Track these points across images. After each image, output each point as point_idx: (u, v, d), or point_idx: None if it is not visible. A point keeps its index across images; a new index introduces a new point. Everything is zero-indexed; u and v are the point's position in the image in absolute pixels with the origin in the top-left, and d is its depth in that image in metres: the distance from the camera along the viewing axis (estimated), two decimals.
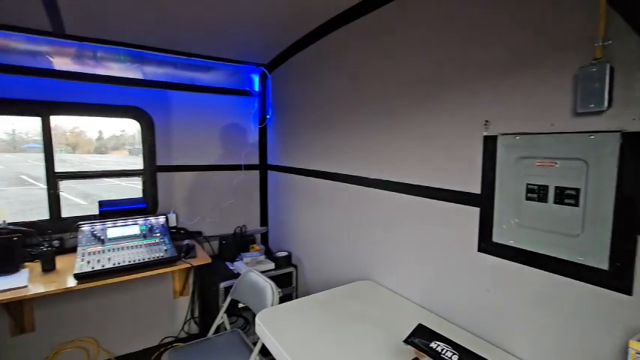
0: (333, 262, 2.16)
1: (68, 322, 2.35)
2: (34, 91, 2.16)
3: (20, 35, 2.01)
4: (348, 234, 2.01)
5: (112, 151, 37.07)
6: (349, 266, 2.01)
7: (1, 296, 1.66)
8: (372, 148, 1.79)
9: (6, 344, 2.16)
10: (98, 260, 1.94)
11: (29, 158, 22.99)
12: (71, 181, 2.49)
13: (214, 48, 2.40)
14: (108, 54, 2.31)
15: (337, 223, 2.11)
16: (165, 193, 2.65)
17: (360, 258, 1.93)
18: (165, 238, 2.28)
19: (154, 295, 2.64)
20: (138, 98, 2.49)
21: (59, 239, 2.27)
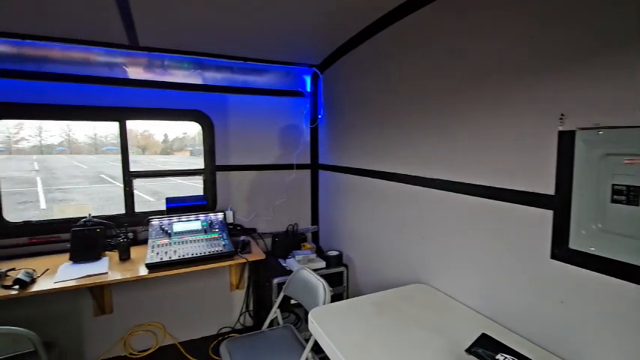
0: (385, 264, 2.12)
1: (140, 307, 2.59)
2: (112, 98, 2.41)
3: (100, 49, 2.25)
4: (401, 235, 1.95)
5: (175, 152, 40.25)
6: (402, 268, 1.95)
7: (87, 281, 1.88)
8: (428, 146, 1.72)
9: (90, 323, 2.45)
10: (166, 252, 2.11)
11: (108, 159, 25.84)
12: (142, 180, 2.73)
13: (268, 51, 2.48)
14: (173, 62, 2.50)
15: (390, 223, 2.06)
16: (224, 191, 2.81)
17: (413, 260, 1.86)
18: (224, 234, 2.41)
19: (213, 287, 2.81)
20: (199, 102, 2.67)
21: (133, 232, 2.51)
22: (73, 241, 2.17)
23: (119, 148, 2.53)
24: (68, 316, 2.37)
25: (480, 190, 1.43)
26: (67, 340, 2.36)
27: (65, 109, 2.32)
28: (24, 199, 10.38)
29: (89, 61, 2.30)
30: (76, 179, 15.12)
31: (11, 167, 18.49)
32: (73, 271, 1.99)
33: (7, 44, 2.08)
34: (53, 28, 1.96)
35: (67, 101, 2.32)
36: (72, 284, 1.84)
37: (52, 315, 2.32)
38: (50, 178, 15.33)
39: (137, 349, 2.59)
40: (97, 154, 35.08)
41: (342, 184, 2.63)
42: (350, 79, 2.46)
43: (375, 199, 2.20)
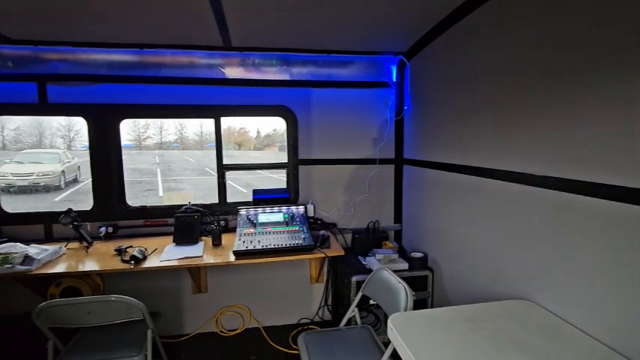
0: (479, 273, 1.86)
1: (230, 289, 2.80)
2: (209, 97, 2.63)
3: (202, 52, 2.47)
4: (501, 241, 1.68)
5: (266, 148, 43.37)
6: (501, 280, 1.68)
7: (185, 262, 2.09)
8: (537, 139, 1.42)
9: (189, 300, 2.74)
10: (251, 241, 2.22)
11: (211, 154, 29.15)
12: (237, 173, 2.94)
13: (353, 41, 2.39)
14: (263, 60, 2.60)
15: (486, 227, 1.79)
16: (305, 184, 2.84)
17: (515, 271, 1.59)
18: (304, 227, 2.43)
19: (294, 278, 2.88)
20: (284, 97, 2.74)
21: (225, 220, 2.72)
22: (176, 225, 2.44)
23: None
24: (171, 291, 2.70)
25: (611, 192, 1.12)
26: (169, 312, 2.68)
27: (174, 108, 2.62)
28: (148, 187, 12.37)
29: (193, 64, 2.54)
30: (186, 171, 17.44)
31: (139, 160, 22.25)
32: (176, 252, 2.23)
33: (131, 54, 2.42)
34: (165, 37, 2.20)
35: (175, 101, 2.61)
36: (174, 264, 2.07)
37: (158, 289, 2.65)
38: (167, 170, 17.99)
39: (227, 327, 2.82)
40: (202, 150, 39.87)
41: (430, 181, 2.41)
42: (441, 66, 2.22)
43: (468, 198, 1.95)
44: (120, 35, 2.15)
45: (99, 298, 1.68)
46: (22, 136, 24.81)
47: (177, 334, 2.74)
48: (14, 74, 2.34)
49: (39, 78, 2.40)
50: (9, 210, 2.55)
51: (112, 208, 2.62)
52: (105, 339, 1.90)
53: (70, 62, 2.36)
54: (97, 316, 1.74)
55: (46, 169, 10.76)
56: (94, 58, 2.38)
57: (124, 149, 2.73)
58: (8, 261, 1.89)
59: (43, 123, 26.30)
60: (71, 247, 2.34)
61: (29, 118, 26.04)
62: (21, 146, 19.27)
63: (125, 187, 2.74)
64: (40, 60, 2.32)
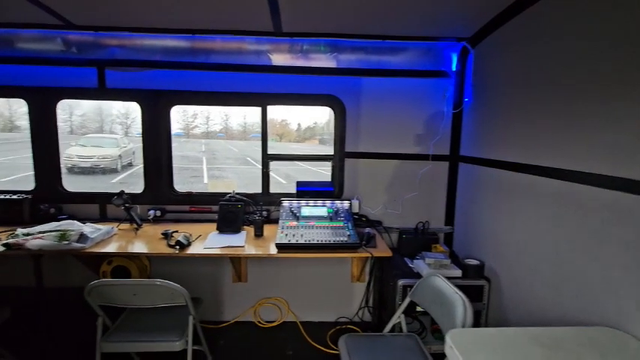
0: (551, 289, 1.62)
1: (269, 281, 2.77)
2: (256, 85, 2.58)
3: (251, 38, 2.40)
4: (582, 255, 1.44)
5: (306, 140, 43.65)
6: (581, 301, 1.44)
7: (227, 251, 2.07)
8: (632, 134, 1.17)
9: (229, 288, 2.75)
10: (293, 235, 2.14)
11: (253, 145, 29.95)
12: (277, 164, 2.88)
13: (409, 25, 2.19)
14: (311, 46, 2.48)
15: (557, 237, 1.55)
16: (351, 178, 2.71)
17: (597, 292, 1.35)
18: (349, 224, 2.31)
19: (334, 275, 2.78)
20: (333, 86, 2.61)
21: (267, 210, 2.68)
22: (220, 213, 2.43)
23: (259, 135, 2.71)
24: (212, 277, 2.71)
25: None
26: (209, 297, 2.71)
27: (222, 95, 2.60)
28: (194, 174, 12.93)
29: (242, 50, 2.48)
30: (229, 160, 18.03)
31: (187, 148, 23.39)
32: (218, 240, 2.21)
33: (184, 39, 2.42)
34: (217, 22, 2.16)
35: (223, 88, 2.59)
36: (216, 252, 2.05)
37: (200, 274, 2.68)
38: (212, 158, 18.71)
39: (264, 319, 2.79)
40: (245, 140, 41.06)
41: (492, 181, 2.17)
42: (514, 54, 1.96)
43: (540, 203, 1.70)
44: (173, 20, 2.14)
45: (144, 281, 1.70)
46: (87, 122, 27.12)
47: (216, 320, 2.76)
48: (77, 59, 2.43)
49: (99, 63, 2.48)
50: (70, 189, 2.69)
51: (160, 193, 2.68)
52: (149, 321, 1.93)
53: (126, 48, 2.40)
54: (142, 299, 1.76)
55: (106, 153, 11.63)
56: (149, 43, 2.40)
57: (174, 137, 2.77)
58: (65, 238, 1.98)
59: (104, 110, 28.55)
60: (122, 227, 2.42)
61: (92, 105, 28.44)
62: (85, 131, 21.08)
63: (173, 173, 2.79)
64: (100, 45, 2.39)
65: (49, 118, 2.56)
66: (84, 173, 11.16)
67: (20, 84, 2.49)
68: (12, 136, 21.52)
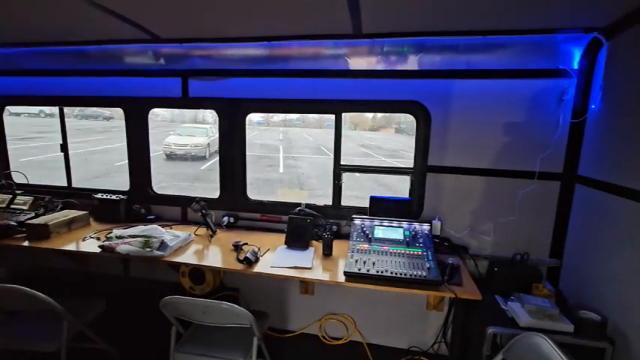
0: None
1: (336, 296, 2.64)
2: (331, 90, 2.40)
3: (328, 42, 2.21)
4: None
5: (381, 129, 42.41)
6: None
7: (293, 273, 1.97)
8: None
9: (296, 299, 2.70)
10: (364, 262, 1.94)
11: (328, 134, 30.20)
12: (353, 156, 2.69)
13: (516, 16, 1.75)
14: (393, 47, 2.19)
15: None
16: (433, 196, 2.39)
17: None
18: (429, 252, 2.02)
19: (407, 299, 2.52)
20: (416, 91, 2.30)
21: (337, 224, 2.53)
22: (288, 227, 2.36)
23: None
24: (280, 287, 2.69)
25: None
26: (276, 305, 2.70)
27: (295, 102, 2.49)
28: (270, 163, 13.52)
29: (318, 55, 2.31)
30: (304, 149, 18.45)
31: (266, 136, 24.65)
32: (286, 257, 2.13)
33: (262, 47, 2.34)
34: (293, 27, 2.02)
35: (296, 95, 2.47)
36: (282, 273, 1.96)
37: (269, 284, 2.68)
38: (288, 147, 19.38)
39: (330, 334, 2.69)
40: (321, 129, 41.67)
41: (629, 215, 1.66)
42: None
43: None
44: (253, 29, 2.06)
45: (212, 302, 1.69)
46: (185, 112, 30.37)
47: (281, 329, 2.75)
48: (165, 70, 2.55)
49: (183, 73, 2.57)
50: (168, 174, 2.90)
51: (234, 199, 2.72)
52: (216, 336, 1.95)
53: (207, 58, 2.43)
54: (210, 317, 1.76)
55: (197, 142, 12.83)
56: (231, 53, 2.38)
57: (256, 125, 2.78)
58: (148, 245, 2.10)
59: None
60: (199, 233, 2.51)
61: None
62: (183, 120, 23.61)
63: (253, 161, 2.81)
64: (184, 57, 2.46)
65: (141, 126, 2.76)
66: (180, 159, 12.49)
67: (119, 94, 2.72)
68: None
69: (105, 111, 22.33)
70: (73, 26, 2.08)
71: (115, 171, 10.14)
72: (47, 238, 2.27)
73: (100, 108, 17.70)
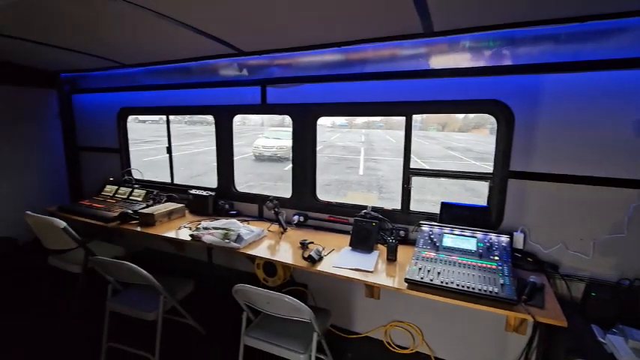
0: None
1: (402, 303, 2.56)
2: (401, 92, 2.34)
3: (406, 42, 2.16)
4: None
5: (473, 129, 39.00)
6: None
7: (355, 275, 1.99)
8: None
9: (360, 301, 2.69)
10: (429, 270, 1.85)
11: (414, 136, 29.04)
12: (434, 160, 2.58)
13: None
14: (476, 42, 2.04)
15: None
16: (515, 205, 2.14)
17: None
18: (505, 267, 1.82)
19: (483, 316, 2.31)
20: (497, 88, 2.10)
21: (404, 230, 2.45)
22: (353, 229, 2.38)
23: (421, 124, 2.47)
24: (344, 287, 2.72)
25: None
26: (341, 305, 2.73)
27: (364, 105, 2.50)
28: (351, 165, 13.65)
29: (395, 56, 2.28)
30: (385, 152, 18.12)
31: (348, 138, 24.93)
32: (349, 259, 2.16)
33: (339, 53, 2.40)
34: (362, 31, 2.04)
35: (366, 98, 2.48)
36: (342, 274, 2.00)
37: (334, 282, 2.72)
38: (369, 149, 19.29)
39: (395, 342, 2.62)
40: (404, 131, 40.25)
41: None
42: None
43: None
44: (327, 37, 2.14)
45: (275, 294, 1.81)
46: (274, 116, 32.68)
47: (346, 329, 2.78)
48: (247, 80, 2.82)
49: (262, 82, 2.81)
50: (257, 174, 3.21)
51: (304, 200, 2.85)
52: (282, 327, 2.07)
53: (285, 67, 2.61)
54: (274, 307, 1.89)
55: (282, 144, 13.69)
56: (308, 60, 2.51)
57: (339, 128, 2.90)
58: (227, 237, 2.35)
59: None
60: (272, 229, 2.71)
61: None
62: (272, 124, 25.43)
63: (333, 163, 2.92)
64: (264, 67, 2.69)
65: (227, 131, 3.10)
66: (266, 161, 13.51)
67: (210, 104, 3.11)
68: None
69: (207, 117, 25.32)
70: (176, 47, 2.46)
71: (212, 171, 11.48)
72: (153, 225, 2.72)
73: (201, 115, 20.34)
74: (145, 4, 1.70)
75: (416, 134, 2.45)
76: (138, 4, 1.69)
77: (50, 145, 3.85)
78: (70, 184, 4.02)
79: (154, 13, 1.80)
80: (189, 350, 2.55)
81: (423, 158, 14.97)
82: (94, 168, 3.94)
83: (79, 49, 2.63)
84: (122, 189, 3.41)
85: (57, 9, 1.81)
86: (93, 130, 3.87)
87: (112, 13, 1.85)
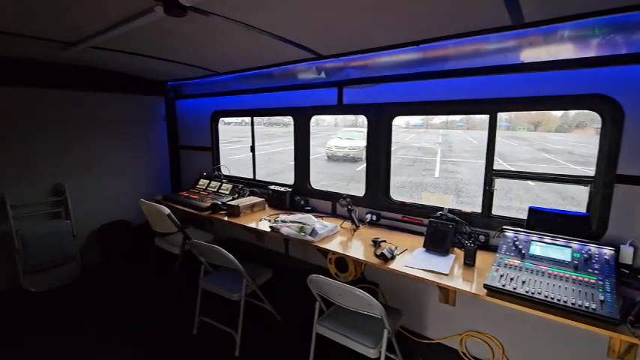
0: None
1: (481, 312, 2.41)
2: (484, 89, 2.21)
3: (493, 36, 2.03)
4: None
5: (576, 129, 33.93)
6: None
7: (428, 276, 1.95)
8: None
9: (434, 306, 2.61)
10: (512, 278, 1.72)
11: (498, 136, 26.56)
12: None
13: None
14: (576, 31, 1.83)
15: None
16: (623, 214, 1.86)
17: None
18: (607, 283, 1.60)
19: (577, 336, 2.06)
20: (602, 81, 1.85)
21: (485, 234, 2.31)
22: (428, 230, 2.32)
23: (510, 124, 2.32)
24: (417, 290, 2.65)
25: None
26: (413, 308, 2.67)
27: (443, 104, 2.43)
28: (426, 167, 13.08)
29: (479, 51, 2.16)
30: (466, 153, 16.91)
31: (424, 139, 23.89)
32: (422, 260, 2.13)
33: (414, 52, 2.37)
34: (446, 28, 1.99)
35: (445, 96, 2.40)
36: (415, 274, 1.97)
37: (406, 283, 2.68)
38: (447, 150, 18.21)
39: (472, 352, 2.48)
40: (487, 130, 36.96)
41: None
42: None
43: None
44: (405, 35, 2.14)
45: (347, 286, 1.87)
46: (347, 117, 32.94)
47: (417, 333, 2.71)
48: (324, 82, 2.94)
49: (339, 84, 2.90)
50: (328, 174, 3.37)
51: (378, 199, 2.87)
52: (353, 320, 2.13)
53: (361, 68, 2.66)
54: (345, 300, 1.97)
55: (355, 145, 13.76)
56: (384, 60, 2.52)
57: (413, 128, 2.88)
58: (303, 230, 2.50)
59: None
60: (344, 226, 2.79)
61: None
62: (345, 124, 25.70)
63: (407, 165, 2.91)
64: (342, 69, 2.77)
65: (305, 132, 3.28)
66: (338, 161, 13.73)
67: (290, 105, 3.32)
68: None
69: (284, 119, 26.59)
70: (262, 55, 2.70)
71: (288, 169, 12.09)
72: (238, 216, 3.02)
73: (279, 117, 21.54)
74: (236, 18, 1.92)
75: (502, 134, 2.26)
76: (231, 19, 1.92)
77: (158, 144, 4.52)
78: (171, 177, 4.67)
79: (244, 25, 2.01)
80: (266, 333, 2.77)
81: (510, 161, 13.62)
82: (191, 164, 4.51)
83: (182, 60, 3.05)
84: (213, 183, 3.84)
85: (167, 28, 2.15)
86: (190, 130, 4.43)
87: (210, 28, 2.12)
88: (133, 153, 4.25)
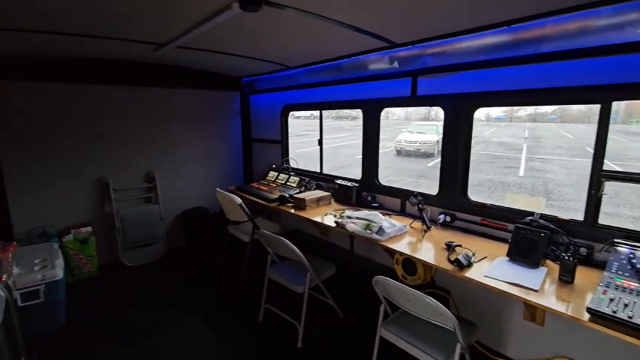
0: None
1: (578, 337, 2.05)
2: (594, 74, 1.83)
3: (605, 9, 1.67)
4: None
5: None
6: None
7: (513, 290, 1.70)
8: None
9: (517, 323, 2.29)
10: (625, 304, 1.41)
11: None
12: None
13: None
14: None
15: None
16: None
17: None
18: None
19: None
20: None
21: (587, 247, 1.94)
22: (514, 237, 2.04)
23: (617, 117, 1.94)
24: (498, 303, 2.37)
25: None
26: (491, 322, 2.39)
27: (539, 93, 2.09)
28: (509, 164, 11.81)
29: (586, 29, 1.81)
30: (559, 150, 14.82)
31: (506, 133, 21.58)
32: (506, 270, 1.87)
33: (503, 33, 2.07)
34: (540, 5, 1.69)
35: (541, 84, 2.07)
36: (498, 286, 1.74)
37: (484, 295, 2.41)
38: (535, 146, 16.18)
39: None
40: (589, 124, 32.12)
41: None
42: None
43: None
44: (490, 15, 1.89)
45: (416, 292, 1.73)
46: (419, 110, 31.43)
47: (496, 351, 2.43)
48: (396, 72, 2.77)
49: (413, 73, 2.70)
50: (396, 169, 3.22)
51: (453, 199, 2.62)
52: (419, 328, 1.98)
53: (439, 55, 2.43)
54: (413, 306, 1.83)
55: (426, 139, 13.04)
56: (465, 45, 2.25)
57: (495, 121, 2.60)
58: (369, 228, 2.40)
59: None
60: (414, 226, 2.61)
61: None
62: (417, 117, 24.53)
63: (485, 161, 2.63)
64: (417, 57, 2.57)
65: (375, 125, 3.14)
66: (409, 156, 13.16)
67: (359, 98, 3.21)
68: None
69: (352, 112, 26.43)
70: (332, 46, 2.64)
71: (354, 163, 11.98)
72: (304, 209, 3.03)
73: (347, 110, 21.42)
74: (309, 9, 1.87)
75: (616, 130, 1.85)
76: (304, 10, 1.88)
77: (233, 137, 4.80)
78: (244, 168, 4.93)
79: (317, 16, 1.96)
80: (327, 328, 2.75)
81: (618, 160, 11.56)
82: (261, 156, 4.70)
83: (257, 56, 3.15)
84: (281, 175, 3.94)
85: (243, 24, 2.20)
86: (262, 124, 4.61)
87: (283, 21, 2.12)
88: (210, 145, 4.58)
